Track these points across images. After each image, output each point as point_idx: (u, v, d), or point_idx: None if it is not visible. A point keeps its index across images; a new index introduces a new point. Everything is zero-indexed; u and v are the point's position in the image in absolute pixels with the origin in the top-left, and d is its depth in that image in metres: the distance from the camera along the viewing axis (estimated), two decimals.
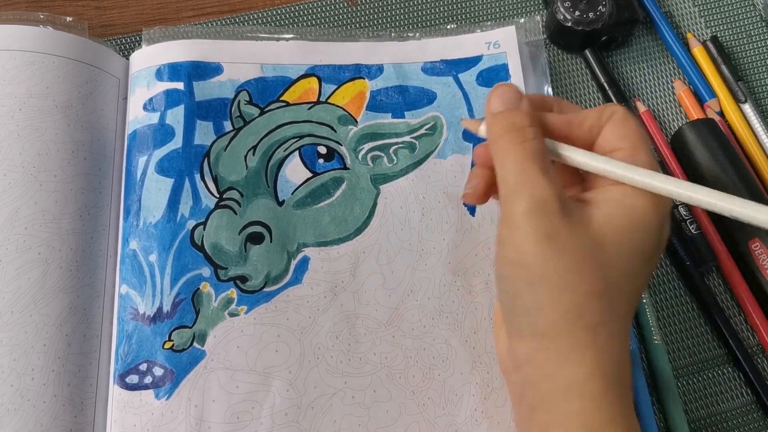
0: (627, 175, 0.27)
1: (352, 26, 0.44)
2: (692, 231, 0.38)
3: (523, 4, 0.45)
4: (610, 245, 0.26)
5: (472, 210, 0.38)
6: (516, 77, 0.40)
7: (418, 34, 0.43)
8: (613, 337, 0.26)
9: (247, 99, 0.39)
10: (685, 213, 0.39)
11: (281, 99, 0.39)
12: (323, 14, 0.44)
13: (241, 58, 0.40)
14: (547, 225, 0.26)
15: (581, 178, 0.31)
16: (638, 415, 0.34)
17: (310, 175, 0.38)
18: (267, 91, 0.39)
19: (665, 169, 0.40)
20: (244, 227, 0.36)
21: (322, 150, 0.38)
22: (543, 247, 0.26)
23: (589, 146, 0.29)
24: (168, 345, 0.33)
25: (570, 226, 0.26)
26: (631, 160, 0.28)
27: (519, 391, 0.29)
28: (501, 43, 0.41)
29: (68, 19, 0.40)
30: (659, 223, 0.27)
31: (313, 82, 0.40)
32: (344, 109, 0.39)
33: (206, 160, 0.37)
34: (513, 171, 0.27)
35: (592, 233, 0.26)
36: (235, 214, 0.36)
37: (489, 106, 0.29)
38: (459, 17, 0.45)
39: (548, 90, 0.42)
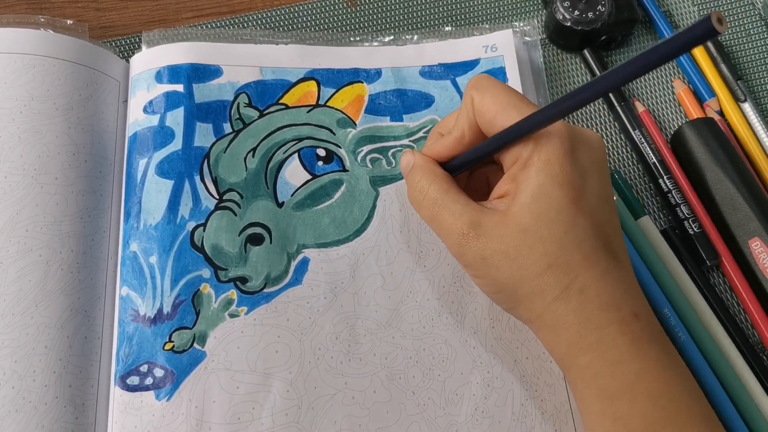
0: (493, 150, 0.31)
1: (352, 28, 0.44)
2: (694, 229, 0.38)
3: (522, 5, 0.45)
4: (531, 224, 0.28)
5: None
6: (513, 80, 0.40)
7: (416, 37, 0.43)
8: (588, 288, 0.28)
9: (247, 101, 0.39)
10: (687, 212, 0.39)
11: (280, 102, 0.39)
12: (323, 15, 0.44)
13: (241, 60, 0.40)
14: (478, 247, 0.29)
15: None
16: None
17: (310, 177, 0.38)
18: (266, 94, 0.39)
19: (664, 168, 0.40)
20: (244, 228, 0.36)
21: (321, 152, 0.38)
22: (484, 266, 0.30)
23: (485, 135, 0.32)
24: (168, 346, 0.33)
25: (493, 233, 0.29)
26: (505, 122, 0.30)
27: None
28: (498, 46, 0.41)
29: (69, 22, 0.40)
30: (555, 174, 0.29)
31: (312, 85, 0.40)
32: (343, 112, 0.39)
33: (206, 161, 0.37)
34: (429, 218, 0.32)
35: (511, 227, 0.29)
36: (235, 215, 0.36)
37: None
38: (458, 17, 0.45)
39: (545, 92, 0.42)
